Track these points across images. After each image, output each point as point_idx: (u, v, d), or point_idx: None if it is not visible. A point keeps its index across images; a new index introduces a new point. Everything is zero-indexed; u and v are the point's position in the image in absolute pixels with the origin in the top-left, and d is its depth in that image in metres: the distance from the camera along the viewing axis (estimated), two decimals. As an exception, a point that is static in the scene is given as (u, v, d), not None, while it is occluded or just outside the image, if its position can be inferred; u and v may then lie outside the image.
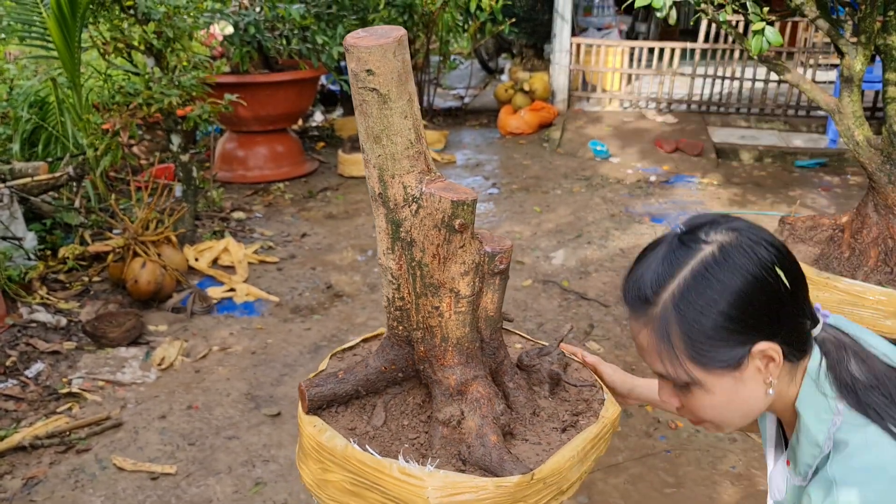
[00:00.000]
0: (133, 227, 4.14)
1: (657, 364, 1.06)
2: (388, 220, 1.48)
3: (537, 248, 5.06)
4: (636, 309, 1.05)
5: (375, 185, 1.45)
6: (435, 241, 1.46)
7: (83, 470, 2.84)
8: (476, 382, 1.59)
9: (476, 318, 1.58)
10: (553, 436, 1.59)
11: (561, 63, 8.35)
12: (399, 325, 1.58)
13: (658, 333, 1.03)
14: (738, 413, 1.07)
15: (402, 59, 1.35)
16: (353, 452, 1.45)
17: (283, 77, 6.26)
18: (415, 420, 1.64)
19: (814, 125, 7.89)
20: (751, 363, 1.02)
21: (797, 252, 3.84)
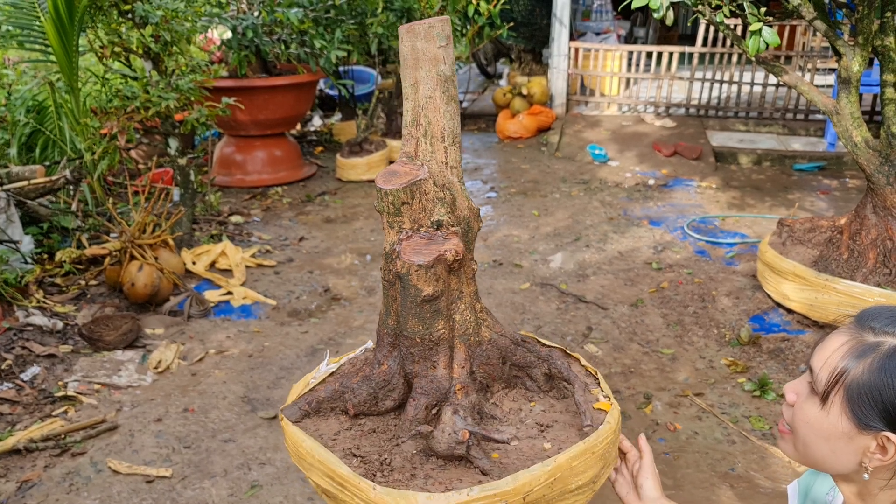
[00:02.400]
0: (130, 230, 4.12)
1: (819, 361, 1.10)
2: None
3: (535, 251, 5.05)
4: (860, 323, 1.10)
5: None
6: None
7: (78, 473, 2.83)
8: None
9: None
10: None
11: (559, 67, 8.36)
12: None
13: (853, 353, 1.06)
14: (820, 452, 1.11)
15: None
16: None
17: (281, 81, 6.26)
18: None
19: (812, 129, 7.89)
20: (870, 439, 1.05)
21: (796, 254, 3.83)
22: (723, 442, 3.01)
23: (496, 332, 1.61)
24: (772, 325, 3.91)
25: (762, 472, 2.84)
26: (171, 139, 4.89)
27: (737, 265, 4.71)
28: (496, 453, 1.46)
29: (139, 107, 4.54)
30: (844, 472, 1.11)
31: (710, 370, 3.55)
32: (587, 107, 8.63)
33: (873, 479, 1.08)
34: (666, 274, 4.62)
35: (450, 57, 1.43)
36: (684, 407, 3.25)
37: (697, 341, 3.81)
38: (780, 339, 3.75)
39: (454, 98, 1.47)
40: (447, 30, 1.39)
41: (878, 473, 1.08)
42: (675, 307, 4.16)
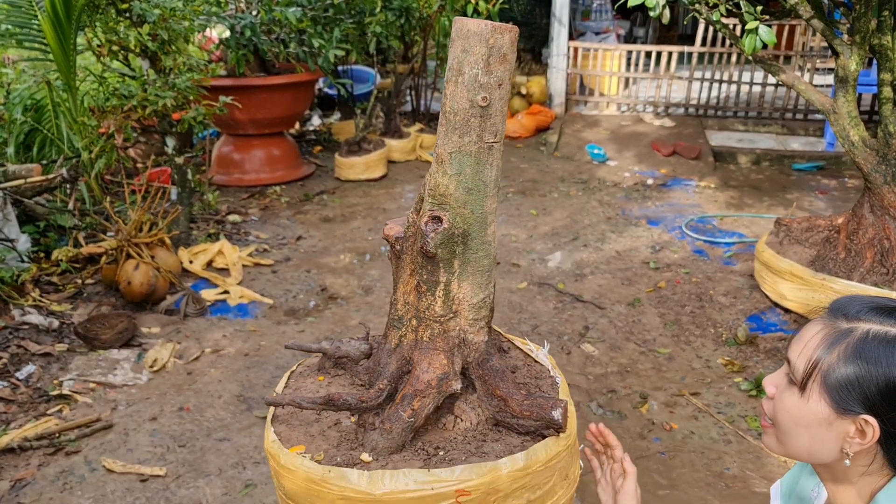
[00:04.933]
0: (126, 228, 4.12)
1: (795, 352, 1.12)
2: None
3: (533, 250, 5.04)
4: (833, 313, 1.12)
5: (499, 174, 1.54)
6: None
7: (72, 472, 2.82)
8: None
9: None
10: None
11: (558, 67, 8.35)
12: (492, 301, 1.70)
13: (827, 340, 1.08)
14: (801, 441, 1.12)
15: None
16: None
17: (280, 80, 6.25)
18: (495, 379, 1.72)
19: (811, 128, 7.88)
20: (849, 423, 1.07)
21: (793, 254, 3.83)
22: (718, 442, 3.01)
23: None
24: (769, 325, 3.91)
25: (758, 472, 2.83)
26: (169, 138, 4.88)
27: (734, 265, 4.71)
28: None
29: (136, 105, 4.54)
30: (826, 460, 1.12)
31: (706, 370, 3.54)
32: (586, 106, 8.62)
33: (854, 465, 1.10)
34: (663, 273, 4.61)
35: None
36: (680, 406, 3.24)
37: (694, 341, 3.80)
38: (777, 338, 3.74)
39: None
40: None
41: (859, 459, 1.09)
42: (673, 307, 4.15)
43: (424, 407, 1.52)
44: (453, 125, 1.39)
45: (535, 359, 1.84)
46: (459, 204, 1.45)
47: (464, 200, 1.44)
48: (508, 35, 1.34)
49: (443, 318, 1.54)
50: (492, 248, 1.51)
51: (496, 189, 1.45)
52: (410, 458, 1.49)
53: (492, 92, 1.36)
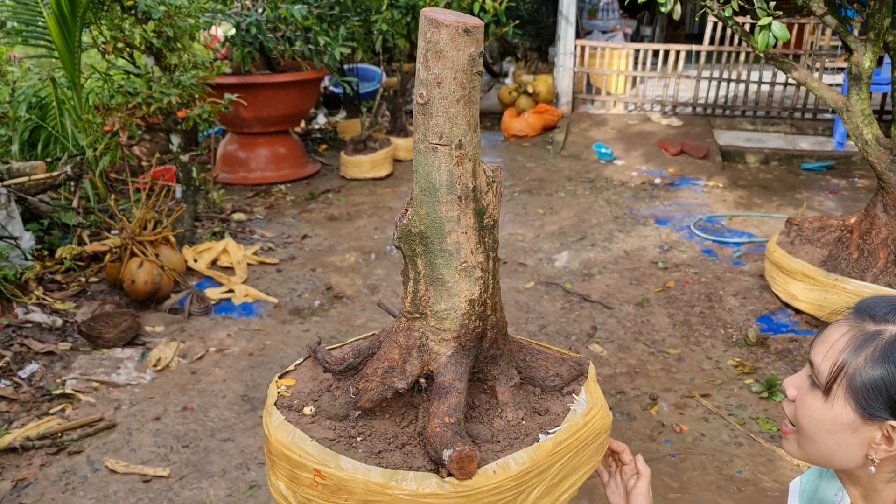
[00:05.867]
0: (130, 226, 4.09)
1: (820, 354, 1.07)
2: (475, 213, 1.43)
3: (540, 250, 4.99)
4: (860, 314, 1.07)
5: (469, 181, 1.39)
6: (498, 214, 1.46)
7: (74, 472, 2.79)
8: (514, 341, 1.65)
9: None
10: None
11: (565, 65, 8.30)
12: (480, 322, 1.52)
13: (854, 342, 1.03)
14: (825, 446, 1.08)
15: None
16: (545, 446, 1.42)
17: (285, 78, 6.22)
18: (488, 414, 1.56)
19: (820, 128, 7.81)
20: (875, 429, 1.03)
21: (805, 254, 3.78)
22: (730, 444, 2.96)
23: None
24: (780, 326, 3.85)
25: (770, 475, 2.78)
26: (174, 136, 4.85)
27: (744, 265, 4.65)
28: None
29: (141, 103, 4.51)
30: (851, 466, 1.08)
31: (716, 371, 3.49)
32: (593, 105, 8.57)
33: (879, 472, 1.06)
34: (672, 273, 4.56)
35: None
36: (690, 408, 3.19)
37: (704, 342, 3.75)
38: (788, 339, 3.69)
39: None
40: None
41: (884, 466, 1.05)
42: (682, 307, 4.10)
43: (366, 391, 1.51)
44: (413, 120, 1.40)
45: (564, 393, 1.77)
46: (417, 203, 1.43)
47: (420, 200, 1.42)
48: (446, 31, 1.24)
49: (409, 315, 1.53)
50: (454, 260, 1.42)
51: (453, 197, 1.37)
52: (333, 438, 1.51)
53: (430, 90, 1.30)
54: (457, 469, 1.28)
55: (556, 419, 1.50)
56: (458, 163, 1.34)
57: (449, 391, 1.44)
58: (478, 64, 1.30)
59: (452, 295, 1.44)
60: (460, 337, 1.48)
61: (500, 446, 1.44)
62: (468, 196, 1.38)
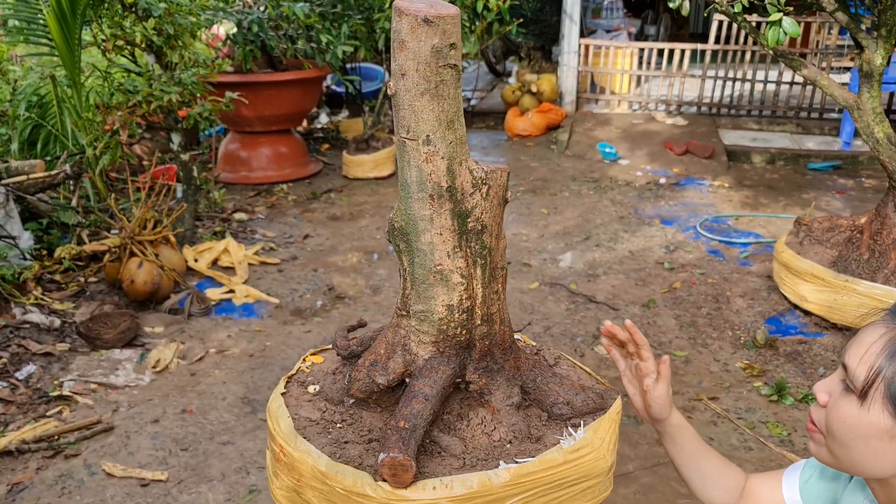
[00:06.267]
0: (130, 226, 4.04)
1: (855, 357, 1.02)
2: (454, 215, 1.36)
3: (544, 250, 4.94)
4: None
5: (443, 180, 1.32)
6: (497, 219, 1.39)
7: (71, 476, 2.74)
8: (522, 356, 1.56)
9: None
10: (559, 371, 1.68)
11: (569, 64, 8.24)
12: (463, 331, 1.45)
13: (892, 346, 0.99)
14: (859, 454, 1.03)
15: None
16: (511, 470, 1.33)
17: (287, 77, 6.17)
18: (474, 429, 1.49)
19: (826, 127, 7.75)
20: None
21: (814, 254, 3.72)
22: (739, 448, 2.90)
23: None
24: (788, 328, 3.79)
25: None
26: (174, 134, 4.80)
27: (751, 265, 4.59)
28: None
29: (141, 101, 4.46)
30: (884, 475, 1.03)
31: (724, 373, 3.43)
32: (597, 105, 8.51)
33: None
34: (678, 274, 4.50)
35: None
36: (698, 411, 3.13)
37: (711, 343, 3.69)
38: (797, 341, 3.63)
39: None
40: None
41: None
42: (689, 308, 4.04)
43: (356, 381, 1.52)
44: None
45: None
46: (399, 198, 1.39)
47: (400, 195, 1.38)
48: (406, 20, 1.19)
49: (398, 311, 1.50)
50: (428, 261, 1.35)
51: (424, 195, 1.30)
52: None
53: (397, 81, 1.25)
54: (389, 475, 1.25)
55: (540, 450, 1.41)
56: (427, 160, 1.28)
57: (415, 396, 1.39)
58: (446, 57, 1.22)
59: (429, 297, 1.39)
60: (438, 343, 1.43)
61: (461, 463, 1.37)
62: (441, 196, 1.32)
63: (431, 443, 1.44)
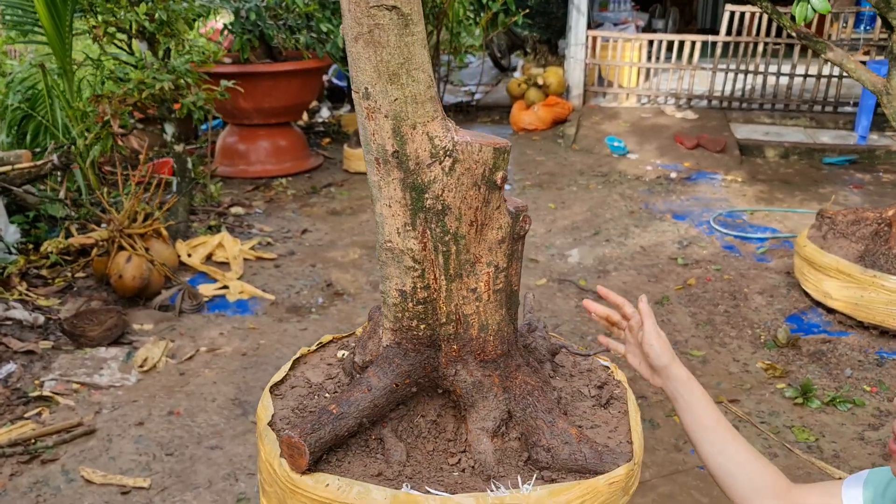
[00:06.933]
0: (118, 218, 3.86)
1: None
2: (405, 186, 1.17)
3: (552, 245, 4.74)
4: None
5: (388, 142, 1.13)
6: (473, 203, 1.16)
7: (47, 482, 2.55)
8: (520, 373, 1.31)
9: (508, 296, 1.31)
10: (601, 414, 1.36)
11: (576, 57, 8.04)
12: (420, 324, 1.26)
13: None
14: None
15: None
16: (416, 500, 1.11)
17: (286, 67, 5.98)
18: (440, 442, 1.31)
19: (841, 121, 7.53)
20: None
21: (838, 248, 3.51)
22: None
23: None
24: (811, 326, 3.59)
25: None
26: (167, 124, 4.62)
27: (769, 261, 4.39)
28: None
29: (133, 89, 4.27)
30: None
31: (745, 374, 3.23)
32: (605, 98, 8.31)
33: None
34: (692, 270, 4.30)
35: None
36: (719, 415, 2.93)
37: (730, 342, 3.49)
38: (820, 340, 3.43)
39: None
40: None
41: None
42: (704, 305, 3.85)
43: (356, 355, 1.43)
44: None
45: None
46: None
47: None
48: None
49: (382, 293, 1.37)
50: (380, 234, 1.20)
51: (371, 157, 1.15)
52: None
53: (341, 26, 1.11)
54: (286, 455, 1.18)
55: (472, 491, 1.18)
56: (369, 116, 1.11)
57: (360, 384, 1.25)
58: None
59: (384, 277, 1.24)
60: (396, 332, 1.27)
61: (391, 474, 1.19)
62: (387, 161, 1.13)
63: (377, 440, 1.28)
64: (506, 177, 1.16)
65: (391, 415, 1.32)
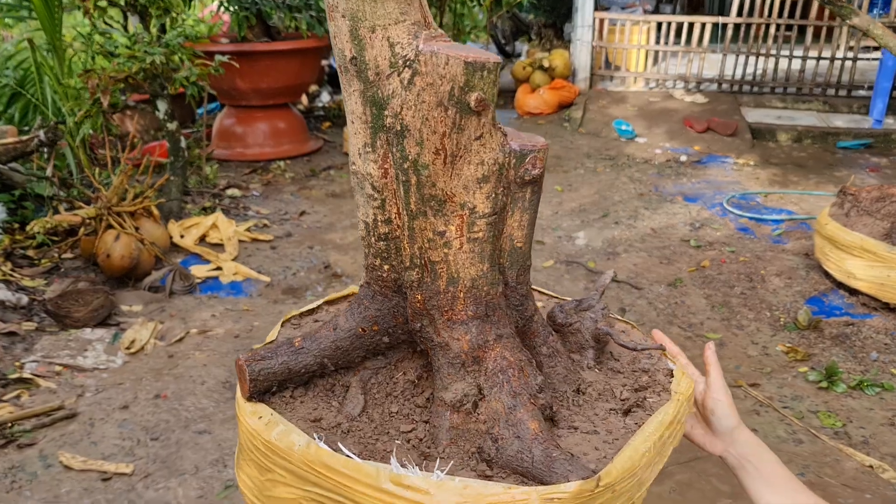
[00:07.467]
0: (107, 195, 3.69)
1: None
2: (365, 99, 1.00)
3: (559, 227, 4.57)
4: None
5: (346, 46, 0.96)
6: (439, 127, 0.97)
7: (23, 468, 2.40)
8: (500, 345, 1.09)
9: (498, 251, 1.10)
10: (613, 421, 1.08)
11: (583, 39, 7.84)
12: (384, 264, 1.10)
13: None
14: None
15: None
16: (320, 455, 0.96)
17: (284, 46, 5.81)
18: (408, 405, 1.15)
19: (855, 105, 7.33)
20: None
21: (862, 226, 3.33)
22: (787, 441, 2.53)
23: None
24: (832, 308, 3.42)
25: (838, 478, 2.35)
26: (160, 101, 4.45)
27: (786, 243, 4.21)
28: None
29: (123, 63, 4.11)
30: None
31: (764, 357, 3.06)
32: (612, 82, 8.11)
33: None
34: (706, 252, 4.12)
35: None
36: (738, 399, 2.76)
37: (748, 325, 3.32)
38: (843, 323, 3.25)
39: None
40: None
41: None
42: (720, 287, 3.67)
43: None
44: None
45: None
46: None
47: None
48: None
49: None
50: (351, 154, 1.05)
51: (339, 64, 1.00)
52: None
53: None
54: (239, 379, 1.10)
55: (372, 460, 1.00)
56: (329, 16, 0.95)
57: (329, 322, 1.13)
58: None
59: (356, 205, 1.09)
60: (367, 271, 1.11)
61: (329, 424, 1.06)
62: (347, 69, 0.97)
63: (344, 388, 1.14)
64: (484, 100, 0.96)
65: (368, 364, 1.16)
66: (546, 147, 1.08)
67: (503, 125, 1.06)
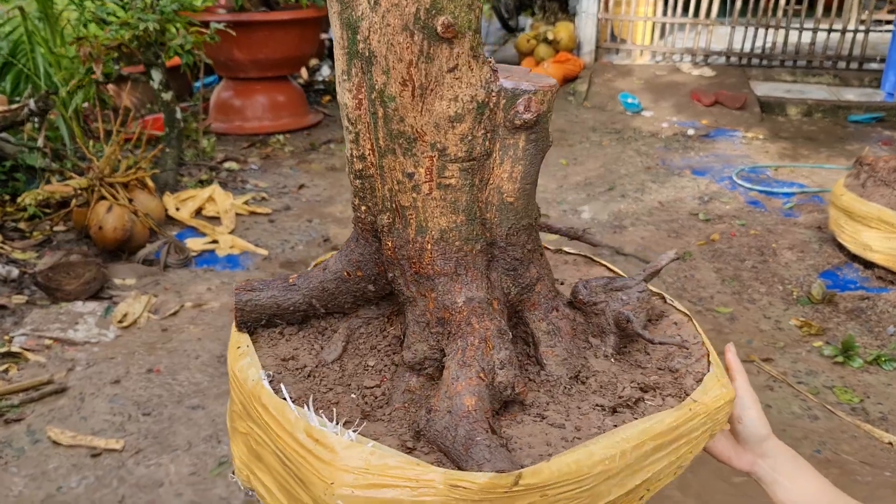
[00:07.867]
0: (99, 165, 3.58)
1: None
2: (343, 22, 0.89)
3: (564, 201, 4.46)
4: None
5: None
6: (405, 55, 0.86)
7: (10, 444, 2.31)
8: (468, 308, 0.98)
9: (478, 202, 0.98)
10: (592, 418, 0.93)
11: (588, 11, 7.67)
12: (361, 205, 0.99)
13: None
14: None
15: None
16: (260, 392, 0.91)
17: (283, 16, 5.65)
18: (386, 360, 1.04)
19: (867, 79, 7.17)
20: None
21: (880, 197, 3.22)
22: (802, 417, 2.44)
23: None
24: (847, 282, 3.31)
25: (856, 455, 2.26)
26: (154, 70, 4.33)
27: (797, 216, 4.10)
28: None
29: (116, 30, 3.98)
30: None
31: (777, 332, 2.96)
32: (618, 55, 7.95)
33: None
34: (716, 225, 4.01)
35: None
36: (751, 374, 2.66)
37: (760, 299, 3.22)
38: (858, 297, 3.15)
39: None
40: None
41: None
42: (730, 261, 3.57)
43: None
44: None
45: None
46: None
47: None
48: None
49: None
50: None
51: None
52: None
53: None
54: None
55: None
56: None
57: (323, 265, 1.09)
58: None
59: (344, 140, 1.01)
60: (353, 211, 1.03)
61: (296, 365, 1.02)
62: None
63: (332, 332, 1.09)
64: (452, 26, 0.83)
65: (361, 313, 1.07)
66: (550, 89, 0.97)
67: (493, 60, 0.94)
